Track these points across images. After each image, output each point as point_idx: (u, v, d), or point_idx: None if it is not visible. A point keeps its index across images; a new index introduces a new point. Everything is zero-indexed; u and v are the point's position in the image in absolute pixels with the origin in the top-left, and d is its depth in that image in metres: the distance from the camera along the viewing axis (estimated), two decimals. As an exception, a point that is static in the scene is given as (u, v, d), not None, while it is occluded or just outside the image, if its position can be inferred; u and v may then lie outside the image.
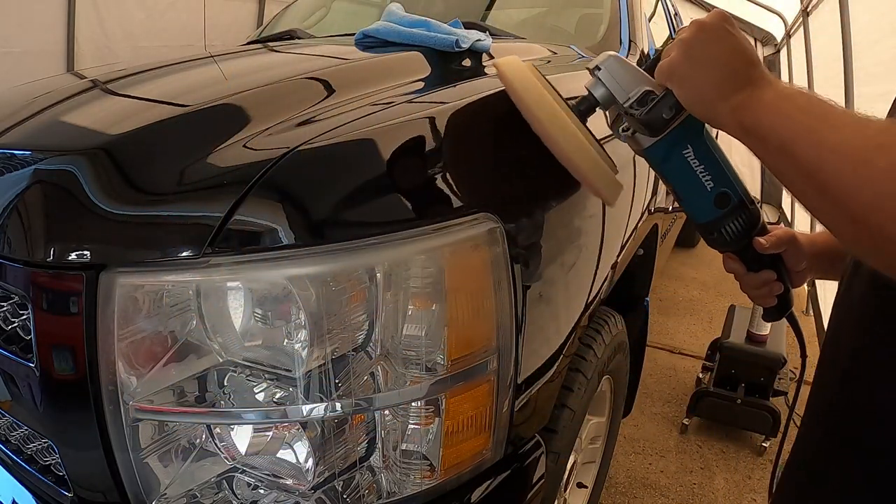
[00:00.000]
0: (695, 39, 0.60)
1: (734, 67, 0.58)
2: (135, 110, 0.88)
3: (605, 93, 0.71)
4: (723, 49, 0.59)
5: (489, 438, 0.76)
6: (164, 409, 0.66)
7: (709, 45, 0.59)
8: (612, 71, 0.70)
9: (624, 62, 0.69)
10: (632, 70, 0.69)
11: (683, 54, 0.61)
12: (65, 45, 3.67)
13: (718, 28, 0.59)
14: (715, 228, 0.70)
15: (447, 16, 1.40)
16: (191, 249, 0.62)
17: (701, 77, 0.60)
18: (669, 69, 0.62)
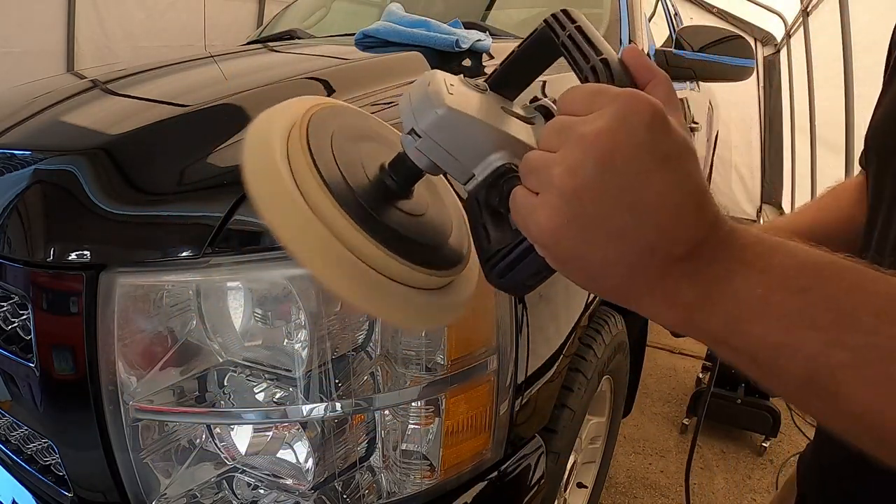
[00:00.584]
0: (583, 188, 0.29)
1: (668, 231, 0.30)
2: (135, 110, 0.88)
3: (430, 165, 0.42)
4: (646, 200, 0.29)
5: (489, 438, 0.76)
6: (164, 409, 0.66)
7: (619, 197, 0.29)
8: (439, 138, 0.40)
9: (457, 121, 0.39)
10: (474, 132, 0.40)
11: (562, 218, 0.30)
12: (65, 45, 3.67)
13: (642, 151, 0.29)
14: None
15: (447, 16, 1.40)
16: (191, 249, 0.62)
17: (603, 260, 0.31)
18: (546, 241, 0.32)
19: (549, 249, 0.32)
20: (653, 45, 1.77)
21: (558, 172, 0.30)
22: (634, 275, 0.31)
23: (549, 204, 0.31)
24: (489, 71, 1.17)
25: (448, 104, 0.39)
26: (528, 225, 0.32)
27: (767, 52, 5.20)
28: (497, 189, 0.38)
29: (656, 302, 0.32)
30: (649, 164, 0.29)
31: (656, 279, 0.31)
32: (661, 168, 0.29)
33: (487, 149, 0.40)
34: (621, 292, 0.33)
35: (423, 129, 0.40)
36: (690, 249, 0.30)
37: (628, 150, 0.29)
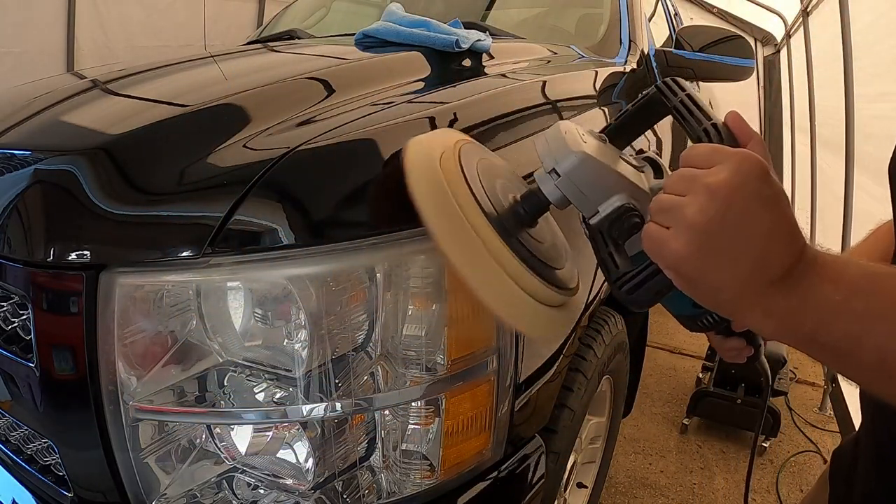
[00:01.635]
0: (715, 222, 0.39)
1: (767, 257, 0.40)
2: (135, 110, 0.87)
3: (560, 199, 0.52)
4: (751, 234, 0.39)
5: (489, 438, 0.76)
6: (164, 409, 0.66)
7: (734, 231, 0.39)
8: (575, 179, 0.50)
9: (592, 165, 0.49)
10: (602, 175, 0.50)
11: (696, 247, 0.40)
12: (65, 45, 3.67)
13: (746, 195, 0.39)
14: (691, 321, 0.64)
15: (447, 16, 1.40)
16: (191, 249, 0.62)
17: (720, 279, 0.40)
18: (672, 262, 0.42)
19: (678, 271, 0.42)
20: (653, 45, 1.77)
21: (690, 212, 0.40)
22: (744, 292, 0.40)
23: (682, 236, 0.40)
24: (489, 71, 1.17)
25: (586, 151, 0.49)
26: (663, 252, 0.42)
27: (767, 52, 5.20)
28: (618, 224, 0.49)
29: (758, 313, 0.41)
30: (758, 207, 0.39)
31: (759, 296, 0.40)
32: (767, 210, 0.39)
33: (612, 190, 0.50)
34: (732, 306, 0.42)
35: (563, 170, 0.50)
36: (786, 271, 0.40)
37: (743, 196, 0.39)
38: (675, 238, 0.40)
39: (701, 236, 0.40)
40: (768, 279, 0.40)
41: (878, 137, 2.20)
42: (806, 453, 2.08)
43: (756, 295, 0.40)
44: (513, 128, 0.90)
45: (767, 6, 4.65)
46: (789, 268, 0.40)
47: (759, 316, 0.41)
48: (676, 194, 0.42)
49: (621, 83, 1.42)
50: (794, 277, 0.40)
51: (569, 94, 1.16)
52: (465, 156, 0.57)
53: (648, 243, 0.43)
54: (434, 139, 0.59)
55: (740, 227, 0.39)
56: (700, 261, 0.40)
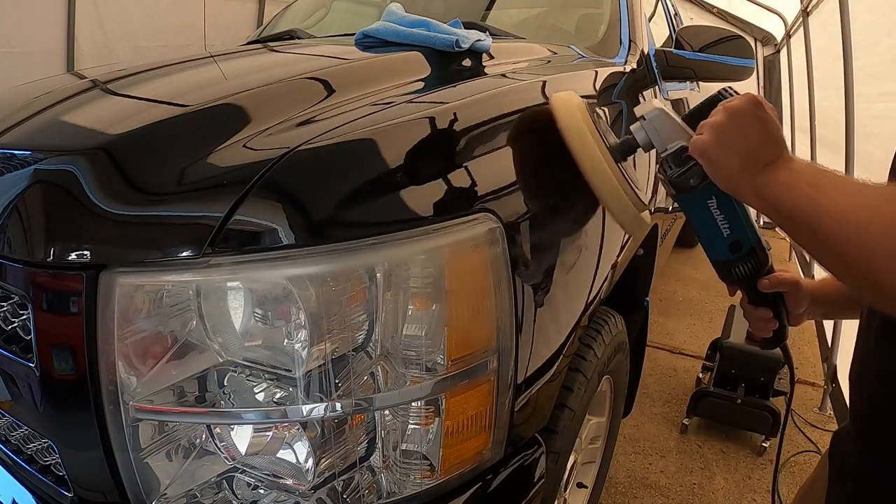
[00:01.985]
0: (725, 125, 0.65)
1: (758, 151, 0.63)
2: (135, 110, 0.87)
3: (645, 140, 0.79)
4: (749, 135, 0.64)
5: (489, 438, 0.76)
6: (164, 409, 0.66)
7: (737, 132, 0.65)
8: (655, 123, 0.77)
9: (667, 117, 0.77)
10: (672, 124, 0.76)
11: (713, 138, 0.66)
12: (65, 45, 3.67)
13: (748, 115, 0.64)
14: (725, 268, 0.78)
15: (447, 16, 1.40)
16: (191, 249, 0.62)
17: (728, 160, 0.65)
18: (701, 149, 0.68)
19: (703, 155, 0.68)
20: (653, 45, 1.77)
21: (713, 120, 0.67)
22: (742, 171, 0.64)
23: (707, 134, 0.67)
24: (489, 71, 1.17)
25: (662, 108, 0.78)
26: (697, 144, 0.69)
27: (767, 52, 5.20)
28: (678, 155, 0.74)
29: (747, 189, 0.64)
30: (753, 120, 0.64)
31: (751, 176, 0.63)
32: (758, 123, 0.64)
33: (677, 136, 0.75)
34: (732, 182, 0.66)
35: (648, 116, 0.78)
36: (770, 160, 0.63)
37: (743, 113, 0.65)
38: (704, 136, 0.67)
39: (716, 133, 0.66)
40: (757, 165, 0.63)
41: (878, 137, 2.20)
42: (806, 453, 2.08)
43: (749, 176, 0.63)
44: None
45: (767, 6, 4.65)
46: (772, 160, 0.63)
47: (750, 191, 0.64)
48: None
49: (621, 83, 1.42)
50: (775, 164, 0.62)
51: (569, 94, 1.16)
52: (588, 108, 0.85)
53: (692, 143, 0.69)
54: (572, 95, 0.87)
55: (740, 131, 0.65)
56: (715, 148, 0.66)
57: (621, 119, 1.32)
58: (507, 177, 0.81)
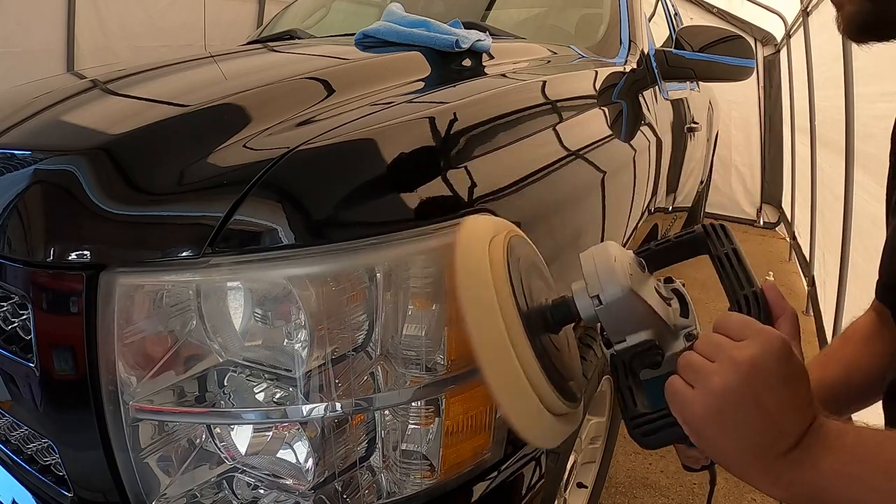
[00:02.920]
0: (730, 394, 0.43)
1: (778, 429, 0.43)
2: (135, 110, 0.87)
3: (591, 318, 0.53)
4: (767, 409, 0.43)
5: (489, 438, 0.76)
6: (164, 409, 0.66)
7: (748, 404, 0.43)
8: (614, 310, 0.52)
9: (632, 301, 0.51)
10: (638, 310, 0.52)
11: (711, 410, 0.44)
12: (65, 45, 3.66)
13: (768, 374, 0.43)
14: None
15: (447, 16, 1.40)
16: (191, 249, 0.62)
17: (732, 446, 0.45)
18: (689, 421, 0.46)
19: (694, 431, 0.46)
20: (653, 45, 1.77)
21: (715, 381, 0.44)
22: (756, 460, 0.44)
23: (704, 400, 0.44)
24: (489, 71, 1.17)
25: (632, 288, 0.51)
26: (684, 409, 0.46)
27: (767, 52, 5.19)
28: (641, 357, 0.52)
29: (766, 480, 0.45)
30: (777, 384, 0.43)
31: (768, 466, 0.44)
32: (784, 387, 0.43)
33: (643, 325, 0.52)
34: (741, 470, 0.46)
35: (606, 300, 0.51)
36: (794, 443, 0.43)
37: (764, 375, 0.43)
38: (698, 400, 0.45)
39: (721, 404, 0.44)
40: (778, 452, 0.44)
41: (878, 137, 2.19)
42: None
43: (765, 464, 0.44)
44: (513, 128, 0.90)
45: (767, 6, 4.65)
46: (798, 439, 0.44)
47: (767, 483, 0.45)
48: (706, 357, 0.46)
49: (621, 83, 1.42)
50: (802, 448, 0.43)
51: (569, 94, 1.16)
52: (512, 248, 0.58)
53: (672, 397, 0.47)
54: (487, 223, 0.60)
55: (757, 403, 0.43)
56: (717, 426, 0.44)
57: (621, 119, 1.32)
58: (507, 177, 0.81)
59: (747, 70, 1.69)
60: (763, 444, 0.44)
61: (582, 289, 0.54)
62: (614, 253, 0.53)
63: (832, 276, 2.62)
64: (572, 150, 0.98)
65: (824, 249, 3.09)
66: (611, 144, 1.16)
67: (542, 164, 0.90)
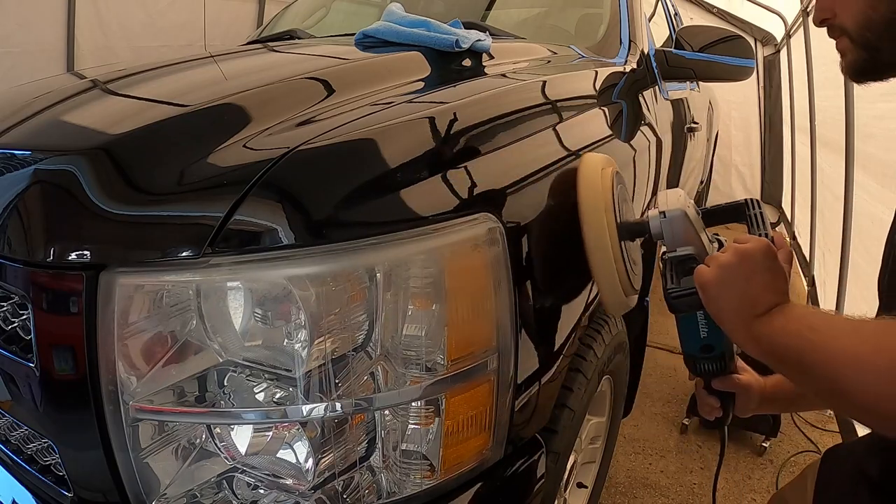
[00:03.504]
0: (732, 267, 0.65)
1: (758, 298, 0.63)
2: (135, 110, 0.87)
3: (658, 233, 0.80)
4: (753, 282, 0.64)
5: (489, 438, 0.76)
6: (164, 409, 0.66)
7: (742, 276, 0.64)
8: (673, 224, 0.79)
9: (686, 221, 0.78)
10: (688, 230, 0.78)
11: (717, 277, 0.66)
12: (65, 45, 3.66)
13: (757, 262, 0.64)
14: (692, 361, 0.81)
15: (447, 16, 1.40)
16: (191, 249, 0.62)
17: (727, 301, 0.65)
18: (702, 283, 0.67)
19: (704, 290, 0.68)
20: (653, 45, 1.77)
21: (722, 259, 0.66)
22: (739, 318, 0.65)
23: (713, 271, 0.67)
24: (489, 71, 1.17)
25: (686, 211, 0.78)
26: (701, 280, 0.68)
27: (767, 52, 5.19)
28: (683, 262, 0.77)
29: (744, 334, 0.64)
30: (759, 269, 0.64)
31: (747, 323, 0.64)
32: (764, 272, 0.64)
33: (690, 242, 0.78)
34: (727, 322, 0.66)
35: (669, 215, 0.79)
36: (767, 308, 0.63)
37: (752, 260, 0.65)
38: (710, 271, 0.67)
39: (723, 273, 0.66)
40: (754, 314, 0.63)
41: (878, 137, 2.19)
42: (806, 453, 2.08)
43: (745, 321, 0.64)
44: (513, 128, 0.90)
45: (767, 6, 4.65)
46: (769, 308, 0.63)
47: (744, 335, 0.64)
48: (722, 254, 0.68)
49: (621, 83, 1.42)
50: (769, 314, 0.62)
51: (569, 94, 1.16)
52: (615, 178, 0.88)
53: (697, 274, 0.69)
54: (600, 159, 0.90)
55: (746, 277, 0.64)
56: (719, 289, 0.66)
57: (621, 119, 1.32)
58: (507, 177, 0.81)
59: (747, 70, 1.69)
60: (745, 306, 0.64)
61: (655, 217, 0.80)
62: (682, 193, 0.81)
63: (832, 276, 2.62)
64: (572, 151, 0.98)
65: (824, 249, 3.09)
66: (611, 144, 1.16)
67: (542, 164, 0.90)
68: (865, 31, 0.64)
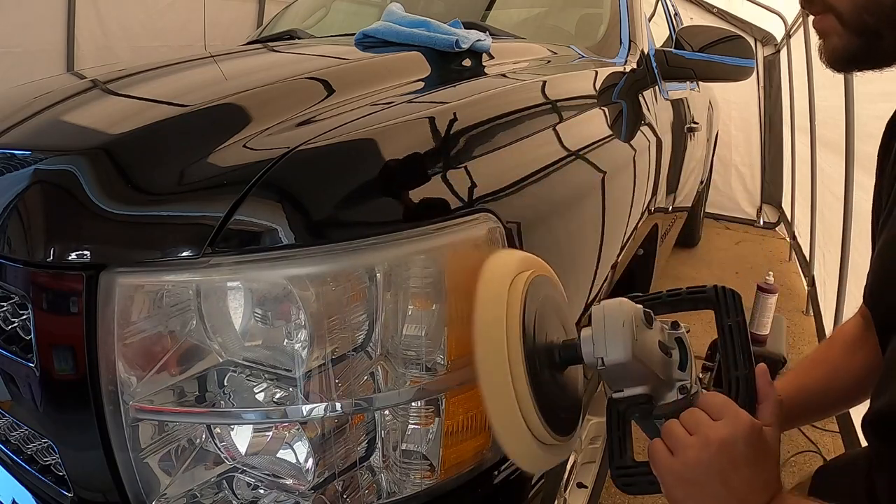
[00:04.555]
0: (701, 466, 0.51)
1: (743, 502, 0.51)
2: (135, 110, 0.87)
3: (593, 365, 0.59)
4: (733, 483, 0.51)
5: (489, 438, 0.76)
6: (164, 409, 0.66)
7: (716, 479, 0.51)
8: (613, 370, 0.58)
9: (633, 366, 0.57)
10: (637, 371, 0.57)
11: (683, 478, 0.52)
12: (65, 45, 3.66)
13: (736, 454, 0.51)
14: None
15: (447, 16, 1.40)
16: (191, 249, 0.62)
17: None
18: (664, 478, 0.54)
19: (668, 490, 0.54)
20: (653, 45, 1.77)
21: (690, 454, 0.52)
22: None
23: (679, 468, 0.52)
24: (489, 71, 1.17)
25: (634, 355, 0.56)
26: (661, 471, 0.54)
27: (767, 52, 5.19)
28: (635, 407, 0.59)
29: None
30: (742, 464, 0.50)
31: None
32: (749, 467, 0.50)
33: (641, 381, 0.58)
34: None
35: (608, 362, 0.57)
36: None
37: (731, 455, 0.50)
38: (674, 467, 0.53)
39: (693, 474, 0.52)
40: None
41: (878, 137, 2.19)
42: (806, 453, 2.08)
43: None
44: (513, 128, 0.90)
45: (767, 6, 4.64)
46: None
47: None
48: (687, 429, 0.53)
49: (621, 83, 1.42)
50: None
51: (569, 94, 1.16)
52: (534, 287, 0.63)
53: (653, 458, 0.55)
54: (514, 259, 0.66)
55: (723, 479, 0.50)
56: (687, 491, 0.52)
57: (621, 119, 1.32)
58: (507, 177, 0.81)
59: (747, 70, 1.69)
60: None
61: (589, 339, 0.60)
62: (624, 317, 0.58)
63: (832, 276, 2.62)
64: (572, 151, 0.98)
65: (824, 249, 3.09)
66: (611, 144, 1.16)
67: (541, 165, 0.90)
68: (864, 13, 0.53)
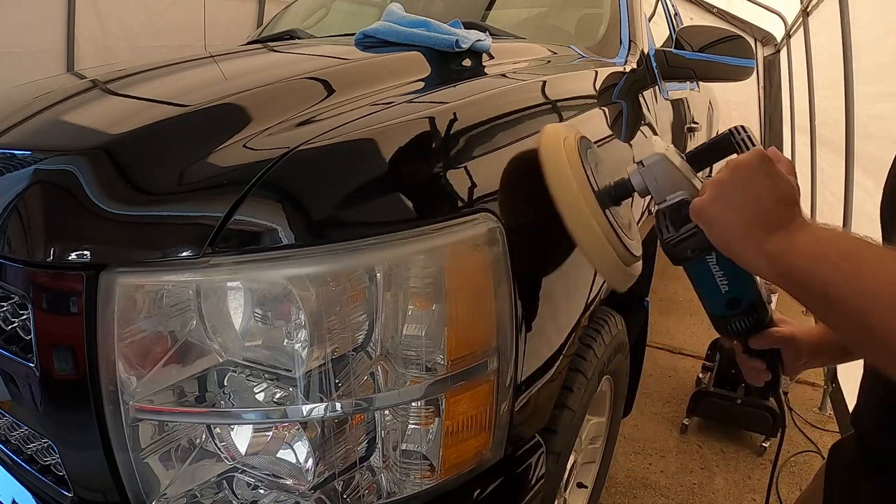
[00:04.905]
0: (727, 181, 0.58)
1: (767, 212, 0.56)
2: (135, 110, 0.87)
3: (642, 186, 0.71)
4: (756, 194, 0.56)
5: (489, 438, 0.76)
6: (164, 409, 0.66)
7: (741, 188, 0.57)
8: (655, 171, 0.69)
9: (668, 165, 0.69)
10: (673, 174, 0.68)
11: (714, 196, 0.59)
12: (65, 45, 3.67)
13: (755, 170, 0.57)
14: (722, 322, 0.74)
15: (447, 16, 1.40)
16: (191, 249, 0.62)
17: (730, 220, 0.58)
18: (700, 210, 0.61)
19: (702, 218, 0.61)
20: (653, 45, 1.77)
21: (717, 177, 0.60)
22: (746, 234, 0.56)
23: (709, 192, 0.60)
24: (489, 71, 1.17)
25: (664, 153, 0.69)
26: (696, 209, 0.61)
27: (767, 52, 5.20)
28: (677, 210, 0.67)
29: (753, 254, 0.56)
30: (759, 175, 0.57)
31: (758, 240, 0.55)
32: (765, 177, 0.57)
33: (678, 187, 0.69)
34: (735, 246, 0.58)
35: (648, 162, 0.70)
36: (781, 224, 0.55)
37: (749, 169, 0.58)
38: (706, 194, 0.60)
39: (721, 191, 0.59)
40: (766, 229, 0.55)
41: (878, 137, 2.19)
42: (806, 453, 2.08)
43: (755, 238, 0.56)
44: (513, 128, 0.90)
45: (767, 6, 4.65)
46: (783, 223, 0.55)
47: (754, 254, 0.56)
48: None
49: (621, 83, 1.42)
50: (786, 230, 0.55)
51: (569, 94, 1.16)
52: (581, 143, 0.79)
53: (692, 206, 0.62)
54: (559, 129, 0.80)
55: (746, 187, 0.57)
56: (715, 205, 0.59)
57: (621, 119, 1.32)
58: (507, 176, 0.81)
59: (747, 70, 1.69)
60: (749, 217, 0.56)
61: (633, 167, 0.72)
62: (658, 139, 0.72)
63: (832, 276, 2.61)
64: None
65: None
66: (611, 144, 1.16)
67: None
68: None
